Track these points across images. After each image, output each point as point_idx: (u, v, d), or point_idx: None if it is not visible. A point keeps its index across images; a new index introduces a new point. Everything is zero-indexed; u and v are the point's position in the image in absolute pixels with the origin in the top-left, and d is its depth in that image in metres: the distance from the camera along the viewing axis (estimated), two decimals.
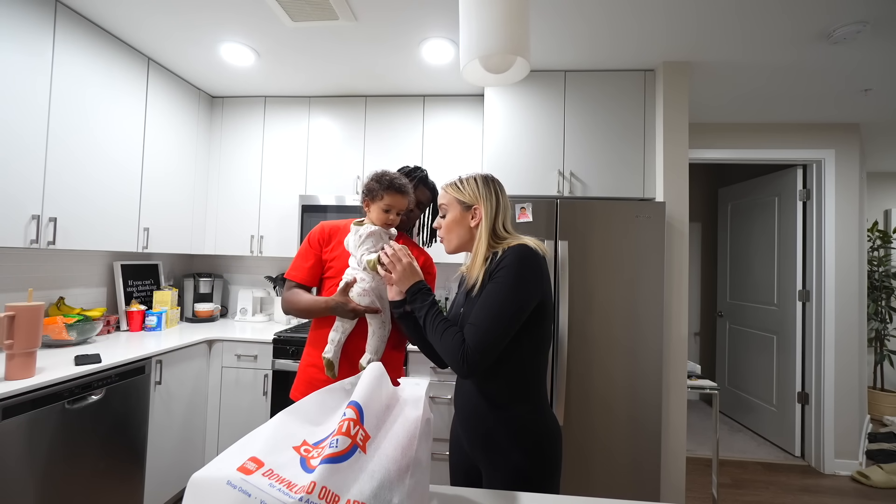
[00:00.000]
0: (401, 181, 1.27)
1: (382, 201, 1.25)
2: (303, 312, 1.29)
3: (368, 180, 1.28)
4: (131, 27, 2.04)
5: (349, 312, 1.22)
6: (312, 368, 1.35)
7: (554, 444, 1.01)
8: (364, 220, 1.29)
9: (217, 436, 2.37)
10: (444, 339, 0.97)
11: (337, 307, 1.22)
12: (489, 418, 1.01)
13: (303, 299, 1.29)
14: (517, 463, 0.97)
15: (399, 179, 1.26)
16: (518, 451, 0.98)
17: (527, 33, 0.99)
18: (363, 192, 1.29)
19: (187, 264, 3.11)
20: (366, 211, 1.29)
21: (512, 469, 0.97)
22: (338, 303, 1.22)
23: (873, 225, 4.01)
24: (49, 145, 1.80)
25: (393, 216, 1.27)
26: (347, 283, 1.23)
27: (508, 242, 1.03)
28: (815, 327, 3.00)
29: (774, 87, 2.46)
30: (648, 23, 1.90)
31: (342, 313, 1.23)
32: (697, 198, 4.26)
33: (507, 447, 0.98)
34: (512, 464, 0.98)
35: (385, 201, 1.25)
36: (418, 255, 1.41)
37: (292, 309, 1.31)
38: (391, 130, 2.72)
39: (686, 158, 2.20)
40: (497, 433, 1.00)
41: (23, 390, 1.42)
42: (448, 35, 2.04)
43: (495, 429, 1.00)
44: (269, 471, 0.54)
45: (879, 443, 3.26)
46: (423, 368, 2.26)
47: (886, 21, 1.80)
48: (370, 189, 1.26)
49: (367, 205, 1.28)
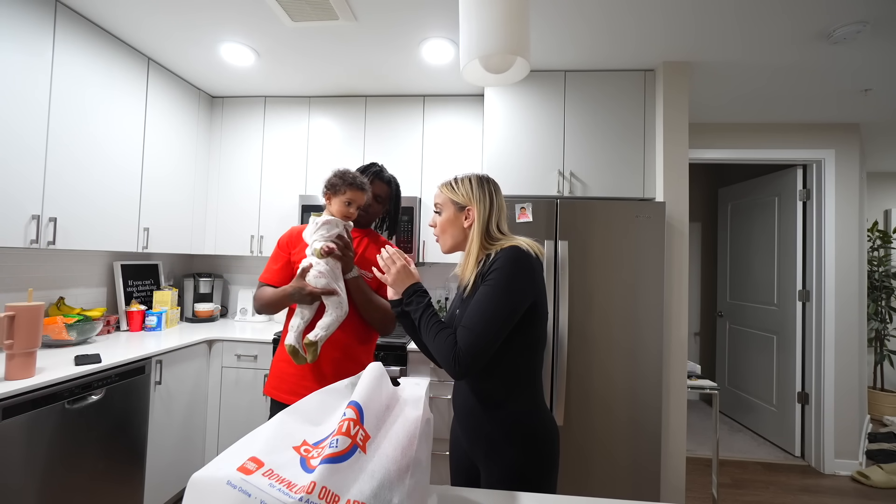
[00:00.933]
0: (361, 179, 1.40)
1: (344, 195, 1.36)
2: (268, 306, 1.38)
3: (331, 176, 1.38)
4: (131, 27, 2.04)
5: (307, 296, 1.30)
6: (282, 363, 1.42)
7: (550, 443, 1.01)
8: (323, 213, 1.38)
9: (217, 436, 2.37)
10: (437, 341, 0.97)
11: (294, 292, 1.30)
12: (484, 418, 1.02)
13: (266, 293, 1.39)
14: (513, 461, 0.98)
15: (360, 177, 1.39)
16: (513, 450, 0.98)
17: (527, 33, 0.99)
18: (325, 186, 1.39)
19: (187, 264, 3.11)
20: (327, 204, 1.39)
21: (508, 467, 0.98)
22: (295, 288, 1.30)
23: (873, 225, 4.01)
24: (49, 145, 1.80)
25: (353, 210, 1.38)
26: (304, 269, 1.31)
27: (502, 244, 1.03)
28: (815, 327, 3.00)
29: (774, 87, 2.47)
30: (648, 23, 1.90)
31: (300, 298, 1.31)
32: (697, 198, 4.26)
33: (503, 446, 0.99)
34: (508, 462, 0.98)
35: (347, 195, 1.36)
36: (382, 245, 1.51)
37: (259, 304, 1.40)
38: (391, 130, 2.72)
39: (686, 158, 2.20)
40: (493, 432, 1.00)
41: (23, 390, 1.42)
42: (448, 35, 2.04)
43: (491, 428, 1.01)
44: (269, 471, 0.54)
45: (879, 443, 3.26)
46: (423, 368, 2.26)
47: (886, 21, 1.80)
48: (333, 184, 1.37)
49: (329, 198, 1.38)
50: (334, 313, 1.32)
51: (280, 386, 1.41)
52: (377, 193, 1.50)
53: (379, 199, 1.52)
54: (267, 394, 1.44)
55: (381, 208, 1.54)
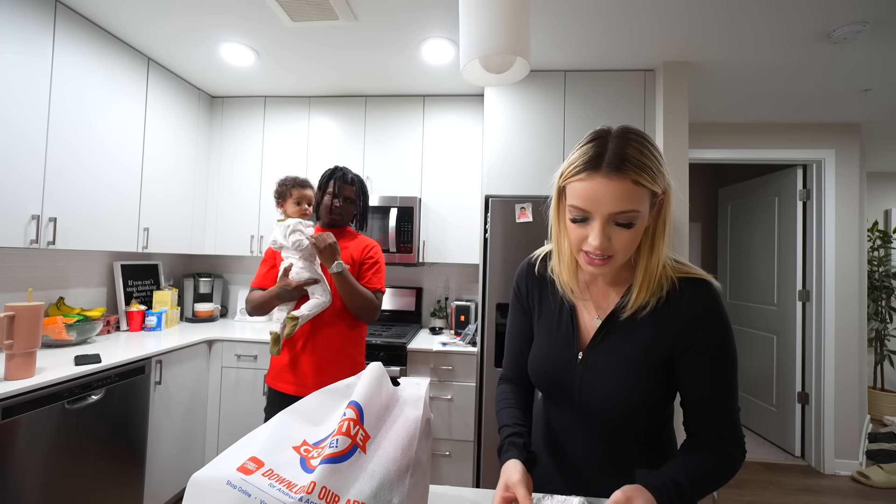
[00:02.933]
0: (301, 178, 1.56)
1: (293, 196, 1.52)
2: (258, 307, 1.51)
3: (276, 186, 1.56)
4: (132, 27, 2.04)
5: (293, 291, 1.45)
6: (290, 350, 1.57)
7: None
8: (283, 218, 1.53)
9: (217, 436, 2.37)
10: (723, 474, 0.74)
11: (281, 291, 1.46)
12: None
13: (255, 295, 1.53)
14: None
15: (299, 177, 1.55)
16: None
17: (527, 33, 0.99)
18: (275, 196, 1.56)
19: (187, 264, 3.11)
20: (282, 210, 1.55)
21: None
22: (281, 287, 1.45)
23: (873, 225, 4.01)
24: (49, 145, 1.80)
25: (305, 206, 1.53)
26: (286, 269, 1.46)
27: (681, 269, 0.75)
28: (815, 327, 3.00)
29: (774, 87, 2.46)
30: (647, 23, 1.90)
31: (287, 295, 1.46)
32: (697, 198, 4.26)
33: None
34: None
35: (295, 196, 1.52)
36: (367, 245, 1.62)
37: (250, 307, 1.54)
38: (391, 130, 2.72)
39: (686, 158, 2.20)
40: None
41: (23, 390, 1.42)
42: (448, 35, 2.04)
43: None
44: (269, 471, 0.54)
45: (879, 443, 3.25)
46: (423, 368, 2.26)
47: (886, 21, 1.80)
48: (280, 192, 1.54)
49: (282, 205, 1.54)
50: (320, 298, 1.46)
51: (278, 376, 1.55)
52: (347, 196, 1.60)
53: (350, 200, 1.61)
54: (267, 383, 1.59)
55: (353, 207, 1.64)
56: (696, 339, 0.72)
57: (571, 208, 0.69)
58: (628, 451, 0.77)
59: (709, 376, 0.72)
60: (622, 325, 0.76)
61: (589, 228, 0.68)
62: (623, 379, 0.74)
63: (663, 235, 0.72)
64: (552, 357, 0.82)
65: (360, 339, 1.62)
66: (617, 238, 0.67)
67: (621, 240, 0.67)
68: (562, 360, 0.80)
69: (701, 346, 0.72)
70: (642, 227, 0.69)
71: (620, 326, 0.76)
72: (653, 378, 0.74)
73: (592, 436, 0.80)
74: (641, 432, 0.79)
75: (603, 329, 0.78)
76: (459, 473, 2.22)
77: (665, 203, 0.71)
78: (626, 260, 0.71)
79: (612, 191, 0.64)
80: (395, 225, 2.54)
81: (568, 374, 0.79)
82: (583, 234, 0.69)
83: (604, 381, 0.75)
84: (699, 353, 0.72)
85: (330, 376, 1.49)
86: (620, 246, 0.68)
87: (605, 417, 0.77)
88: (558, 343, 0.82)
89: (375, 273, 1.60)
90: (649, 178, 0.65)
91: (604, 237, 0.67)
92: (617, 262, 0.70)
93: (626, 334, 0.76)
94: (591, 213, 0.67)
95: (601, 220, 0.66)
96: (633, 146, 0.65)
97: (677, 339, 0.73)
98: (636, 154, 0.65)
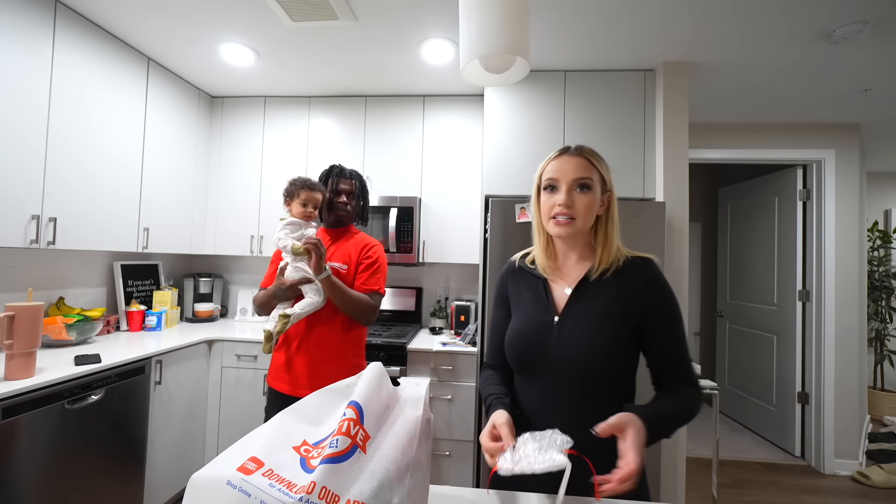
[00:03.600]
0: (312, 181, 1.54)
1: (300, 198, 1.50)
2: (261, 306, 1.54)
3: (287, 184, 1.54)
4: (132, 27, 2.04)
5: (287, 290, 1.47)
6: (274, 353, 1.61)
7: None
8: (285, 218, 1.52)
9: (217, 436, 2.37)
10: (691, 409, 0.88)
11: (276, 290, 1.47)
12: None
13: (258, 295, 1.55)
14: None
15: (310, 180, 1.54)
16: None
17: (527, 33, 0.99)
18: (283, 194, 1.54)
19: (187, 264, 3.11)
20: (288, 210, 1.54)
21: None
22: (276, 286, 1.48)
23: (873, 225, 4.01)
24: (49, 145, 1.80)
25: (310, 209, 1.52)
26: (281, 268, 1.49)
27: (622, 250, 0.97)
28: (815, 327, 3.00)
29: (774, 87, 2.47)
30: (648, 23, 1.90)
31: (282, 294, 1.48)
32: (697, 198, 4.26)
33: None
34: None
35: (302, 197, 1.50)
36: (366, 244, 1.62)
37: (255, 306, 1.56)
38: (391, 130, 2.72)
39: (686, 158, 2.20)
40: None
41: (23, 390, 1.42)
42: (448, 35, 2.04)
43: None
44: (269, 471, 0.54)
45: (879, 443, 3.26)
46: (423, 368, 2.26)
47: (886, 21, 1.80)
48: (288, 191, 1.53)
49: (288, 204, 1.53)
50: (313, 298, 1.47)
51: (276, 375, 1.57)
52: (348, 190, 1.64)
53: (350, 195, 1.64)
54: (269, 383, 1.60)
55: (356, 202, 1.66)
56: (651, 302, 0.91)
57: (546, 181, 0.95)
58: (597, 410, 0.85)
59: (665, 332, 0.91)
60: (589, 291, 0.93)
61: (558, 195, 0.92)
62: (593, 332, 0.89)
63: (613, 225, 0.96)
64: (531, 323, 0.95)
65: (356, 340, 1.60)
66: (578, 200, 0.91)
67: (581, 202, 0.91)
68: (540, 325, 0.94)
69: (656, 309, 0.91)
70: (596, 196, 0.93)
71: (588, 292, 0.93)
72: (617, 333, 0.89)
73: (569, 402, 0.90)
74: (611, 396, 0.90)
75: (574, 295, 0.94)
76: (459, 473, 2.22)
77: (612, 200, 0.96)
78: (584, 227, 0.93)
79: (574, 163, 0.93)
80: (395, 225, 2.54)
81: (546, 336, 0.92)
82: (553, 200, 0.93)
83: (577, 337, 0.89)
84: (655, 315, 0.91)
85: (323, 377, 1.48)
86: (581, 208, 0.91)
87: (581, 373, 0.88)
88: (536, 311, 0.96)
89: (372, 274, 1.57)
90: (598, 162, 0.94)
91: (569, 197, 0.91)
92: (578, 224, 0.91)
93: (592, 298, 0.92)
94: (558, 180, 0.93)
95: (567, 184, 0.92)
96: (587, 148, 0.96)
97: (635, 300, 0.90)
98: (589, 149, 0.96)
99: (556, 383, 0.90)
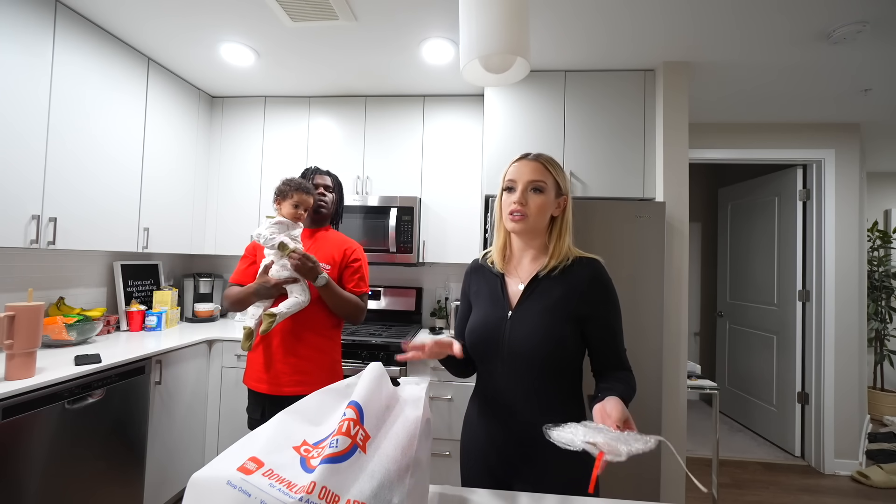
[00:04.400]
0: (307, 184, 1.54)
1: (292, 199, 1.50)
2: (235, 303, 1.51)
3: (280, 184, 1.52)
4: (132, 27, 2.04)
5: (271, 289, 1.46)
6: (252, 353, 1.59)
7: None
8: (273, 216, 1.51)
9: (217, 436, 2.37)
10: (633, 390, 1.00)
11: (259, 287, 1.46)
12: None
13: (232, 291, 1.53)
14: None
15: (305, 182, 1.54)
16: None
17: (527, 33, 0.99)
18: (275, 192, 1.52)
19: (187, 264, 3.11)
20: (277, 209, 1.53)
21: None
22: (259, 283, 1.46)
23: (873, 225, 4.01)
24: (49, 145, 1.80)
25: (301, 211, 1.51)
26: (266, 266, 1.47)
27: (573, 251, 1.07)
28: (815, 327, 3.00)
29: (774, 87, 2.47)
30: (647, 23, 1.90)
31: (265, 292, 1.46)
32: (697, 198, 4.26)
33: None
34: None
35: (294, 199, 1.50)
36: (348, 247, 1.64)
37: (228, 303, 1.54)
38: (391, 130, 2.72)
39: (686, 158, 2.20)
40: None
41: (23, 390, 1.42)
42: (448, 35, 2.04)
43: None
44: (270, 471, 0.54)
45: (879, 443, 3.26)
46: (423, 368, 2.26)
47: (886, 21, 1.80)
48: (281, 190, 1.51)
49: (279, 203, 1.51)
50: (299, 297, 1.46)
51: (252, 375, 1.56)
52: (325, 184, 1.68)
53: (329, 189, 1.68)
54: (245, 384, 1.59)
55: (334, 196, 1.70)
56: (594, 302, 1.00)
57: (506, 182, 1.04)
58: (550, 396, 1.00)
59: (605, 327, 1.01)
60: (540, 288, 1.02)
61: (514, 194, 1.02)
62: (541, 324, 0.98)
63: (567, 228, 1.06)
64: (487, 318, 1.04)
65: (336, 337, 1.64)
66: (532, 200, 1.01)
67: (534, 202, 1.01)
68: (495, 319, 1.03)
69: (598, 308, 1.01)
70: (549, 198, 1.02)
71: (539, 289, 1.02)
72: (563, 327, 0.98)
73: (523, 385, 1.00)
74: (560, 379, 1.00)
75: (526, 291, 1.03)
76: (459, 473, 2.22)
77: (566, 205, 1.06)
78: (536, 226, 1.03)
79: (531, 167, 1.03)
80: (394, 225, 2.54)
81: (500, 330, 1.01)
82: (510, 198, 1.02)
83: (527, 330, 0.99)
84: (597, 313, 1.01)
85: (305, 374, 1.52)
86: (533, 207, 1.00)
87: (531, 362, 0.98)
88: (491, 307, 1.05)
89: (361, 278, 1.63)
90: (554, 169, 1.04)
91: (523, 196, 1.01)
92: (530, 222, 1.01)
93: (543, 294, 1.01)
94: (516, 181, 1.02)
95: (522, 184, 1.01)
96: (545, 156, 1.06)
97: (580, 298, 0.99)
98: (547, 156, 1.06)
99: (510, 370, 1.00)
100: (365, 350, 2.27)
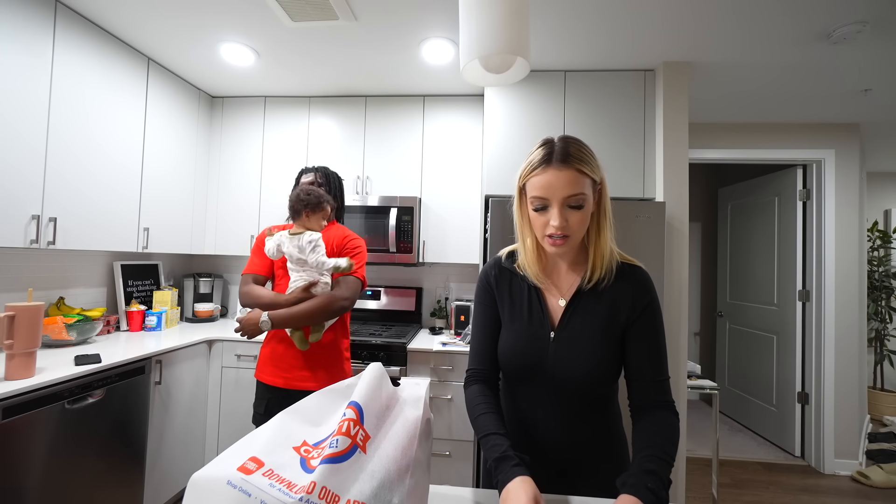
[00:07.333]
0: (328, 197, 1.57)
1: (324, 211, 1.53)
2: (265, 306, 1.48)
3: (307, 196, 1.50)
4: (132, 28, 2.04)
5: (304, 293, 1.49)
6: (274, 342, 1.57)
7: None
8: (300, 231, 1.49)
9: (217, 436, 2.37)
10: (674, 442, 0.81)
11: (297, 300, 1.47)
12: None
13: (261, 292, 1.51)
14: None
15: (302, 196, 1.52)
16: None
17: (527, 33, 0.99)
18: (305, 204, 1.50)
19: (187, 264, 3.11)
20: (304, 219, 1.51)
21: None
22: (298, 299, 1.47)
23: (873, 225, 4.01)
24: (49, 145, 1.80)
25: (324, 222, 1.57)
26: (311, 283, 1.48)
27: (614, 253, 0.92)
28: (815, 327, 3.00)
29: (774, 87, 2.47)
30: (648, 23, 1.90)
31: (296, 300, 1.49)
32: (697, 198, 4.26)
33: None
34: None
35: (325, 211, 1.54)
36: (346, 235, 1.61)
37: (250, 300, 1.50)
38: (391, 130, 2.72)
39: (686, 158, 2.20)
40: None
41: (23, 390, 1.42)
42: (448, 35, 2.04)
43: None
44: (270, 471, 0.54)
45: (879, 443, 3.26)
46: (422, 368, 2.26)
47: (886, 21, 1.80)
48: (317, 203, 1.51)
49: (308, 215, 1.51)
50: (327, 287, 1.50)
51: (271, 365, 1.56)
52: (309, 181, 1.68)
53: (313, 184, 1.68)
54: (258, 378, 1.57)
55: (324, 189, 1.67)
56: (640, 319, 0.88)
57: (533, 199, 0.85)
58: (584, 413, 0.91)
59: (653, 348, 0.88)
60: (584, 303, 0.90)
61: (549, 214, 0.84)
62: (591, 351, 0.87)
63: (606, 219, 0.89)
64: (526, 338, 0.91)
65: (344, 324, 1.65)
66: (571, 218, 0.83)
67: (574, 219, 0.84)
68: (536, 339, 0.90)
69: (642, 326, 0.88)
70: (589, 209, 0.85)
71: (583, 305, 0.90)
72: (610, 350, 0.88)
73: (556, 405, 0.90)
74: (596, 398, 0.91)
75: (570, 308, 0.90)
76: (459, 473, 2.22)
77: (603, 191, 0.88)
78: (579, 239, 0.87)
79: (563, 178, 0.82)
80: (394, 225, 2.54)
81: (543, 352, 0.89)
82: (545, 219, 0.84)
83: (574, 354, 0.87)
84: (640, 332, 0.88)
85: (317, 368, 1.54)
86: (575, 225, 0.84)
87: (572, 386, 0.88)
88: (531, 325, 0.92)
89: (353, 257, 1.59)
90: (588, 167, 0.84)
91: (562, 218, 0.83)
92: (573, 241, 0.86)
93: (587, 311, 0.89)
94: (548, 199, 0.83)
95: (558, 204, 0.82)
96: (573, 146, 0.86)
97: (625, 314, 0.88)
98: (576, 151, 0.85)
99: (548, 391, 0.90)
100: (365, 350, 2.27)
